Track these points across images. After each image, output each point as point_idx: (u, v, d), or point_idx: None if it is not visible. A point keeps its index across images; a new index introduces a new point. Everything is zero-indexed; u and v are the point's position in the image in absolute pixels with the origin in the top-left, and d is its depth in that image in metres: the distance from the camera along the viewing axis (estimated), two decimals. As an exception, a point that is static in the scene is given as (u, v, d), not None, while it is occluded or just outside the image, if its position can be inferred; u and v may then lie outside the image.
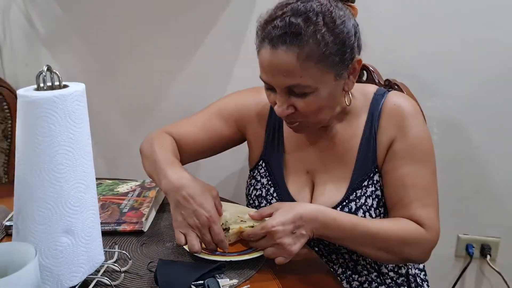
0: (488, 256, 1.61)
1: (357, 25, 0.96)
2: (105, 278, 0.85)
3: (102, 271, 0.89)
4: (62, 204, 0.76)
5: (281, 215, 0.90)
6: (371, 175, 1.03)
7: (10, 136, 1.68)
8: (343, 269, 1.09)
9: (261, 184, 1.13)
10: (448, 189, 1.61)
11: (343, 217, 0.94)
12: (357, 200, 1.02)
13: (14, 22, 1.71)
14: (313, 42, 0.88)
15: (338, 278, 1.09)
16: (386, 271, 1.10)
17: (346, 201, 1.03)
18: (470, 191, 1.61)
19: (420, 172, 0.99)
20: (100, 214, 1.08)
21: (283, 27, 0.88)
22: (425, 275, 1.20)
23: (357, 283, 1.08)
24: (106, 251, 0.94)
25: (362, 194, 1.03)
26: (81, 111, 0.78)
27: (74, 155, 0.76)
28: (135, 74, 1.73)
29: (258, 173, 1.15)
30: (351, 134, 1.06)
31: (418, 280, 1.16)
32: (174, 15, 1.64)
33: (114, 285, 0.87)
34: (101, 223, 1.03)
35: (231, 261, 0.91)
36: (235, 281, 0.85)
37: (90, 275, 0.84)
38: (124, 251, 0.94)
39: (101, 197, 1.18)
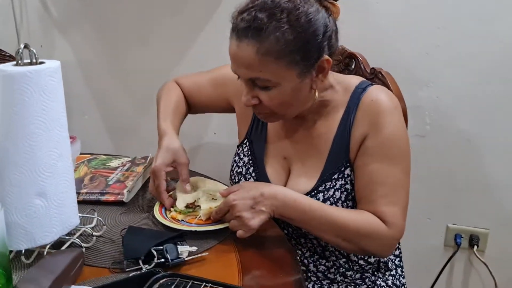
0: (476, 247, 1.62)
1: (333, 24, 0.97)
2: (77, 240, 0.94)
3: (78, 234, 0.98)
4: (35, 169, 0.85)
5: (243, 191, 0.96)
6: (342, 168, 1.05)
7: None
8: (311, 253, 1.13)
9: (242, 162, 1.19)
10: (438, 179, 1.63)
11: (304, 200, 0.98)
12: (325, 192, 1.05)
13: (30, 6, 1.83)
14: (273, 39, 0.89)
15: (305, 260, 1.13)
16: (356, 259, 1.13)
17: (315, 191, 1.06)
18: (461, 182, 1.62)
19: (390, 170, 1.00)
20: (87, 185, 1.18)
21: (248, 21, 0.91)
22: (400, 260, 1.23)
23: (324, 267, 1.12)
24: (83, 216, 1.03)
25: (331, 186, 1.05)
26: (55, 86, 0.85)
27: (47, 126, 0.84)
28: (143, 59, 1.81)
29: (242, 151, 1.20)
30: (328, 127, 1.07)
31: (390, 264, 1.18)
32: (182, 2, 1.70)
33: (87, 247, 0.95)
34: (87, 192, 1.14)
35: (195, 231, 0.98)
36: (194, 248, 0.92)
37: (65, 236, 0.92)
38: (99, 217, 1.02)
39: (92, 170, 1.27)
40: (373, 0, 1.55)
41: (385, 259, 1.17)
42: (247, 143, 1.20)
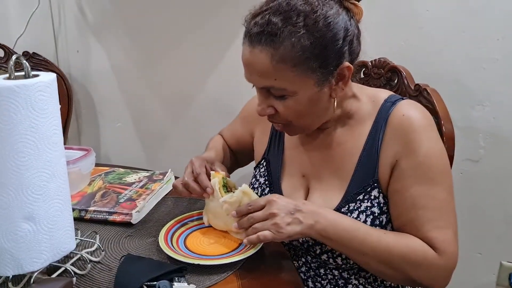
0: (534, 290, 1.42)
1: (354, 27, 0.89)
2: (70, 267, 0.86)
3: (73, 260, 0.91)
4: (22, 191, 0.78)
5: (285, 198, 0.90)
6: (369, 189, 0.94)
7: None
8: (332, 286, 1.01)
9: (259, 183, 1.10)
10: (492, 210, 1.45)
11: (344, 218, 0.91)
12: (349, 214, 0.94)
13: (68, 11, 1.81)
14: (289, 44, 0.82)
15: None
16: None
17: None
18: (519, 214, 1.42)
19: (431, 192, 0.89)
20: (97, 202, 1.11)
21: (261, 25, 0.84)
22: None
23: (345, 303, 1.00)
24: (81, 240, 0.96)
25: (355, 208, 0.94)
26: (46, 101, 0.79)
27: (36, 144, 0.78)
28: (175, 66, 1.75)
29: (259, 172, 1.12)
30: (353, 142, 0.97)
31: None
32: (214, 9, 1.63)
33: (81, 275, 0.88)
34: (94, 211, 1.07)
35: (199, 264, 0.88)
36: (192, 287, 0.82)
37: (57, 263, 0.86)
38: (98, 243, 0.95)
39: (107, 185, 1.21)
40: (422, 7, 1.39)
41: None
42: (264, 163, 1.11)
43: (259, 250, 0.93)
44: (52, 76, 0.81)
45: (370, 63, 1.27)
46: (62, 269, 0.87)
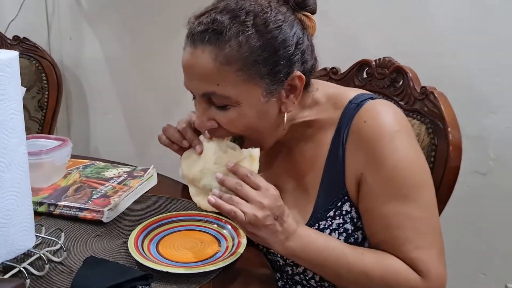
0: (541, 317, 1.31)
1: (306, 37, 0.80)
2: (24, 267, 0.78)
3: (32, 258, 0.82)
4: (-28, 180, 0.70)
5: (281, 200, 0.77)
6: (339, 203, 0.84)
7: (45, 107, 1.70)
8: (311, 304, 0.91)
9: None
10: (499, 227, 1.34)
11: (317, 236, 0.80)
12: None
13: (62, -2, 1.74)
14: (235, 44, 0.73)
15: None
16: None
17: None
18: (528, 233, 1.32)
19: (406, 210, 0.78)
20: (69, 197, 1.03)
21: (206, 24, 0.75)
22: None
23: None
24: (42, 237, 0.88)
25: (326, 226, 0.84)
26: (5, 82, 0.71)
27: (-12, 129, 0.69)
28: (171, 58, 1.65)
29: None
30: (315, 151, 0.87)
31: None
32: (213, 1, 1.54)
33: (39, 276, 0.80)
34: (64, 206, 0.99)
35: (168, 272, 0.79)
36: (157, 297, 0.73)
37: (11, 262, 0.78)
38: (60, 241, 0.86)
39: (83, 179, 1.13)
40: (434, 3, 1.30)
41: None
42: None
43: (237, 259, 0.84)
44: (14, 54, 0.73)
45: (373, 62, 1.17)
46: (17, 269, 0.78)
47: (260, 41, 0.74)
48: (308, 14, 0.81)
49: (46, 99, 1.69)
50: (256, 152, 0.79)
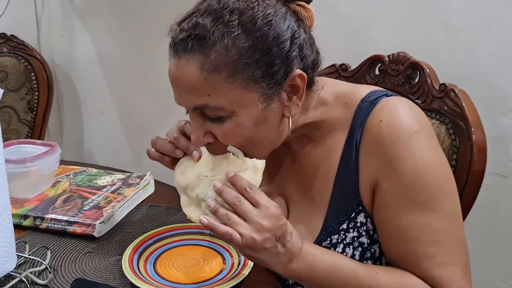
0: None
1: (302, 29, 0.71)
2: (4, 293, 0.69)
3: (14, 281, 0.74)
4: None
5: (276, 216, 0.67)
6: (352, 215, 0.76)
7: (35, 108, 1.62)
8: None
9: None
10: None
11: (325, 255, 0.71)
12: (332, 249, 0.76)
13: (52, -7, 1.65)
14: (221, 48, 0.65)
15: None
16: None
17: None
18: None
19: (425, 221, 0.70)
20: (57, 208, 0.94)
21: (187, 30, 0.67)
22: None
23: None
24: (24, 256, 0.79)
25: (340, 240, 0.76)
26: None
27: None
28: (166, 56, 1.58)
29: None
30: (325, 157, 0.78)
31: None
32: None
33: (20, 302, 0.71)
34: (51, 219, 0.91)
35: (166, 296, 0.71)
36: (153, 328, 0.65)
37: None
38: (45, 262, 0.77)
39: (73, 187, 1.04)
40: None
41: None
42: None
43: (243, 280, 0.75)
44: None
45: (387, 58, 1.09)
46: (-5, 295, 0.70)
47: (249, 41, 0.66)
48: (303, 3, 0.72)
49: (36, 100, 1.61)
50: (261, 163, 0.71)
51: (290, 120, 0.73)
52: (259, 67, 0.67)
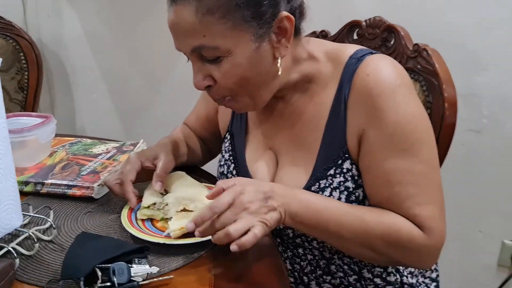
0: (538, 271, 1.32)
1: None
2: (13, 247, 0.75)
3: (21, 237, 0.79)
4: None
5: (248, 185, 0.74)
6: (339, 162, 0.82)
7: (26, 88, 1.65)
8: (312, 268, 0.90)
9: (224, 159, 0.99)
10: (494, 185, 1.34)
11: (316, 198, 0.79)
12: (320, 193, 0.83)
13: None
14: None
15: (305, 278, 0.91)
16: (370, 276, 0.89)
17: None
18: (523, 189, 1.32)
19: (407, 165, 0.77)
20: (56, 174, 0.99)
21: None
22: (437, 286, 0.98)
23: (329, 285, 0.89)
24: (30, 216, 0.84)
25: (327, 185, 0.82)
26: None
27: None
28: (157, 34, 1.60)
29: (224, 147, 1.01)
30: (316, 110, 0.85)
31: (421, 288, 0.94)
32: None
33: (29, 256, 0.76)
34: (51, 184, 0.95)
35: (164, 244, 0.77)
36: (154, 269, 0.70)
37: (6, 241, 0.75)
38: (49, 219, 0.83)
39: (70, 156, 1.09)
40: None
41: (414, 280, 0.94)
42: (228, 137, 1.00)
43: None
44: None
45: (364, 23, 1.14)
46: (5, 249, 0.75)
47: None
48: None
49: (27, 80, 1.63)
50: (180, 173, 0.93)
51: (280, 61, 0.79)
52: (248, 8, 0.73)
